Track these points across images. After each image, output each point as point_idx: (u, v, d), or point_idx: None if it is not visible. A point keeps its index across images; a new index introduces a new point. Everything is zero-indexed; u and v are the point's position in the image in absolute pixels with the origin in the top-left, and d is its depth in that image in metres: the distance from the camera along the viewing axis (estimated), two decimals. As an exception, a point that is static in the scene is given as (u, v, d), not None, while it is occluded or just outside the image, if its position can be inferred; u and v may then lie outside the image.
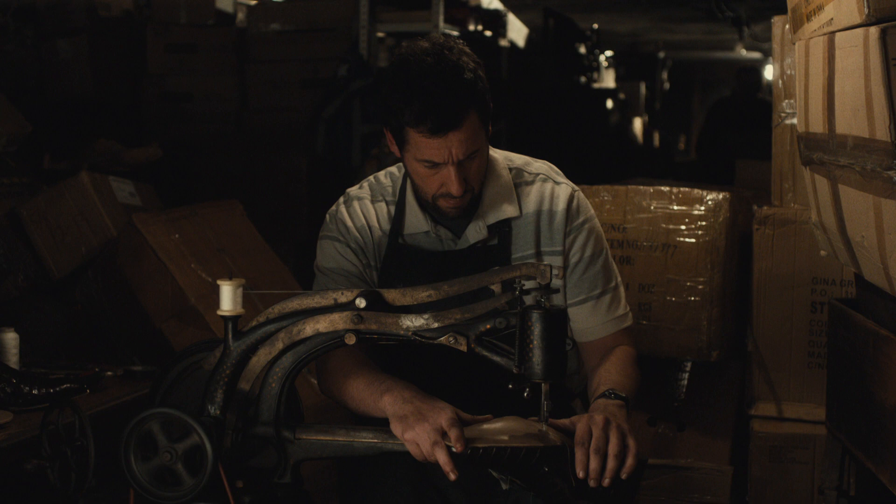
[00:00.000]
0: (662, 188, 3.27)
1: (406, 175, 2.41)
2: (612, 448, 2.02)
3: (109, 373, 3.09)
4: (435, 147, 2.21)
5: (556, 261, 2.38)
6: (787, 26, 3.03)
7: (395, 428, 2.07)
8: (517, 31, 7.70)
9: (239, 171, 5.36)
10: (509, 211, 2.38)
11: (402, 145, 2.27)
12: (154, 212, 3.75)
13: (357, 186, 2.49)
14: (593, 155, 7.51)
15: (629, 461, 2.03)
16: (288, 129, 5.55)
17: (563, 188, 2.43)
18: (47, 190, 3.83)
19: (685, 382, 3.35)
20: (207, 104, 5.69)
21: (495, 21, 6.74)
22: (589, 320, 2.43)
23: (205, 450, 2.01)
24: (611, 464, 2.01)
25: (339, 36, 5.52)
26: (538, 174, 2.45)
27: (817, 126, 2.51)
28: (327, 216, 2.46)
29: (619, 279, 2.49)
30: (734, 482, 3.24)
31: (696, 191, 3.23)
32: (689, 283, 3.22)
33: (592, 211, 2.47)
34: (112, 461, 2.09)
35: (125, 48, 5.71)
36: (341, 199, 2.47)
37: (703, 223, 3.21)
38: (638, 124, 11.28)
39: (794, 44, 2.74)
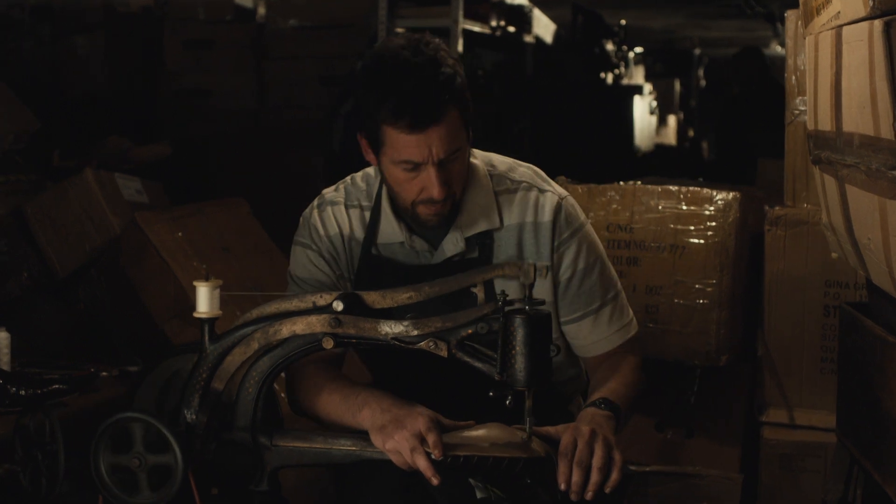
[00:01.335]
0: (671, 187, 3.18)
1: (383, 180, 2.29)
2: (597, 461, 1.95)
3: (105, 373, 3.05)
4: (414, 145, 2.10)
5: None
6: (800, 21, 2.94)
7: (376, 440, 2.01)
8: (544, 28, 7.61)
9: (256, 168, 5.31)
10: (489, 222, 2.26)
11: (378, 148, 2.16)
12: (158, 210, 3.71)
13: (333, 189, 2.39)
14: (616, 152, 7.41)
15: (614, 475, 1.96)
16: (305, 126, 5.49)
17: (549, 197, 2.29)
18: (52, 187, 3.80)
19: (694, 387, 3.27)
20: (225, 101, 5.64)
21: (519, 17, 6.66)
22: (591, 336, 2.32)
23: (175, 457, 1.95)
24: (594, 477, 1.94)
25: (357, 32, 5.45)
26: (521, 182, 2.31)
27: (825, 124, 2.43)
28: (301, 219, 2.38)
29: (619, 285, 2.38)
30: (744, 490, 3.15)
31: (704, 190, 3.14)
32: (697, 286, 3.13)
33: (583, 217, 2.34)
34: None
35: (143, 44, 5.68)
36: (315, 202, 2.38)
37: (713, 224, 3.12)
38: (672, 122, 11.15)
39: (805, 38, 2.65)
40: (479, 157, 2.34)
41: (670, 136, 11.04)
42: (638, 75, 9.58)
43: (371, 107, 2.12)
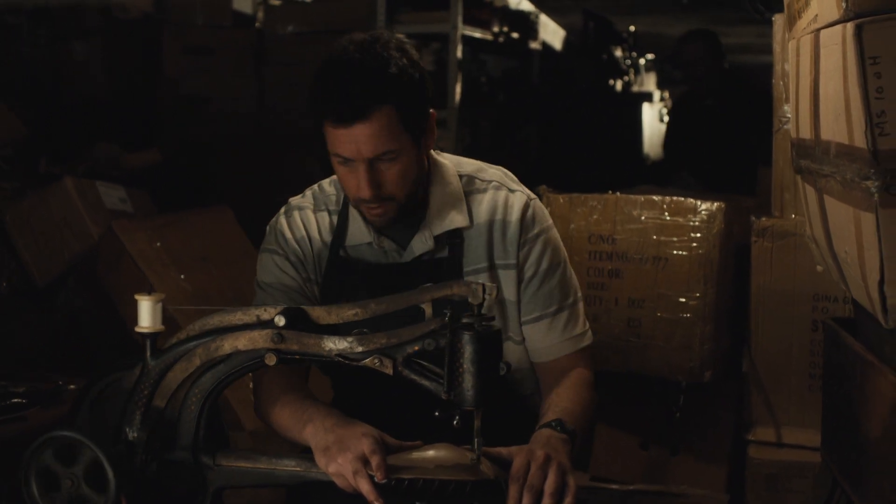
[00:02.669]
0: (654, 197, 3.07)
1: None
2: (549, 486, 1.87)
3: (72, 386, 2.98)
4: (343, 140, 2.06)
5: (510, 275, 2.22)
6: (786, 25, 2.85)
7: (320, 461, 1.95)
8: (552, 34, 7.52)
9: (256, 172, 5.26)
10: (458, 220, 2.22)
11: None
12: (137, 218, 3.66)
13: (300, 196, 2.36)
14: (625, 160, 7.29)
15: (567, 501, 1.88)
16: (305, 132, 5.41)
17: (518, 196, 2.27)
18: (32, 195, 3.75)
19: (679, 404, 3.17)
20: (225, 106, 5.58)
21: (524, 23, 6.55)
22: (544, 339, 2.26)
23: (108, 479, 1.87)
24: (545, 502, 1.85)
25: (356, 37, 5.37)
26: (491, 181, 2.28)
27: (805, 132, 2.34)
28: (268, 228, 2.33)
29: (579, 293, 2.32)
30: (730, 511, 3.06)
31: (688, 200, 3.04)
32: (681, 299, 3.03)
33: (550, 221, 2.31)
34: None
35: (141, 50, 5.63)
36: (282, 210, 2.34)
37: (697, 235, 3.01)
38: (689, 129, 11.01)
39: (788, 43, 2.56)
40: (448, 159, 2.31)
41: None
42: (649, 82, 9.46)
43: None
